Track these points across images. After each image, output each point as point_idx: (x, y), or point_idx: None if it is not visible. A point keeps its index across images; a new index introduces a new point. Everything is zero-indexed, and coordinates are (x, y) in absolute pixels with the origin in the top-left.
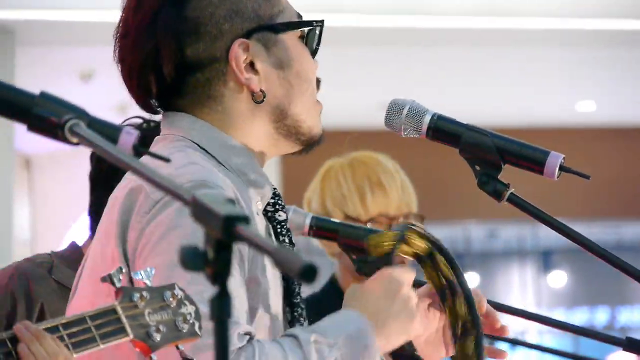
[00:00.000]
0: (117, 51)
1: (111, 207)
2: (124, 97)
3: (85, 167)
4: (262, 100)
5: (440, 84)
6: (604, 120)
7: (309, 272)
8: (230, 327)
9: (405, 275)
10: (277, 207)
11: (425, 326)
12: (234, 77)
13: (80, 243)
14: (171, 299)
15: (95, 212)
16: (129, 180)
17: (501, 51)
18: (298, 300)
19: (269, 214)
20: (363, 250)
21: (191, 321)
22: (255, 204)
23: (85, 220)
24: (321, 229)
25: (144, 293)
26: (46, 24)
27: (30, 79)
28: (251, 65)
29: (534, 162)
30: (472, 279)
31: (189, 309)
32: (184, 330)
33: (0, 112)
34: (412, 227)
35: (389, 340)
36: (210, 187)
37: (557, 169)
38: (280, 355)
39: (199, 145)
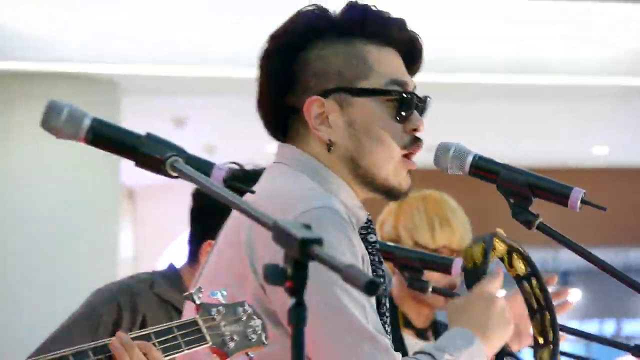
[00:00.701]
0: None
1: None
2: (211, 139)
3: (182, 199)
4: (330, 150)
5: (477, 131)
6: (615, 162)
7: (372, 287)
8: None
9: (495, 286)
10: (369, 230)
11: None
12: None
13: (177, 265)
14: (242, 314)
15: (194, 242)
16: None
17: (529, 103)
18: (384, 311)
19: (362, 236)
20: (415, 269)
21: (259, 332)
22: None
23: (182, 245)
24: (382, 250)
25: (220, 308)
26: (146, 77)
27: (132, 123)
28: (328, 118)
29: (560, 195)
30: (502, 293)
31: (257, 322)
32: (253, 340)
33: (113, 150)
34: (499, 236)
35: (493, 348)
36: (332, 209)
37: (579, 201)
38: None
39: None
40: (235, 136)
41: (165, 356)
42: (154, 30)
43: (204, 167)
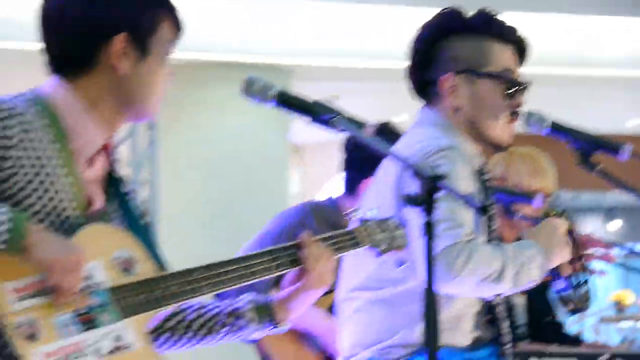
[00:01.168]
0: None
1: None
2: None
3: (335, 153)
4: (456, 113)
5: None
6: None
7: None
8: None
9: (561, 222)
10: (483, 171)
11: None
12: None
13: (337, 196)
14: (390, 225)
15: (347, 183)
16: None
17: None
18: (493, 228)
19: (478, 175)
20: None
21: (402, 238)
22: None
23: (336, 186)
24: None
25: (374, 222)
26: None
27: None
28: (457, 90)
29: (614, 148)
30: None
31: (401, 231)
32: (398, 244)
33: (292, 110)
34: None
35: (552, 262)
36: (454, 150)
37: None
38: (488, 249)
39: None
40: (381, 117)
41: (338, 254)
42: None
43: (359, 124)
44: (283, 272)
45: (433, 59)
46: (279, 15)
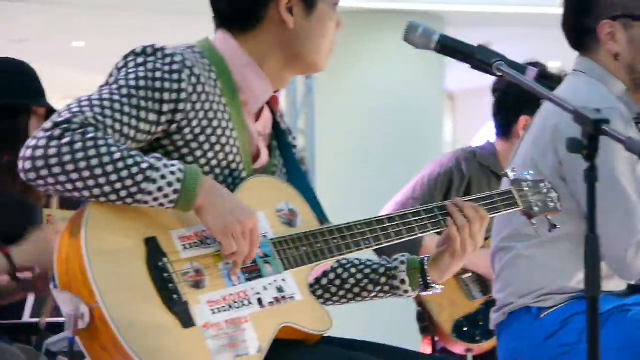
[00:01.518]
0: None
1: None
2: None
3: (488, 100)
4: (617, 59)
5: None
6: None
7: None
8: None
9: None
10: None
11: None
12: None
13: (492, 140)
14: (544, 188)
15: (501, 127)
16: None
17: None
18: None
19: (635, 121)
20: None
21: (556, 202)
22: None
23: (491, 130)
24: None
25: (528, 183)
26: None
27: None
28: (615, 36)
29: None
30: None
31: (554, 194)
32: (551, 207)
33: (454, 56)
34: None
35: None
36: (617, 110)
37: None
38: None
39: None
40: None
41: (491, 214)
42: None
43: (520, 69)
44: (439, 230)
45: (589, 7)
46: None
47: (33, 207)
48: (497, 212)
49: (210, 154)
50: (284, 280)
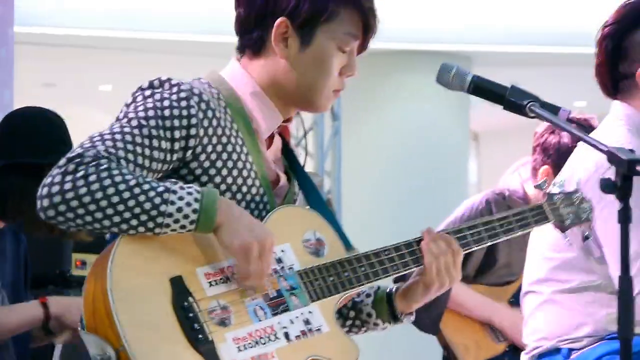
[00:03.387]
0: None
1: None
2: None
3: (515, 140)
4: None
5: None
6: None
7: None
8: None
9: None
10: None
11: None
12: None
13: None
14: (576, 199)
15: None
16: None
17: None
18: None
19: None
20: None
21: (588, 212)
22: None
23: (514, 172)
24: None
25: (560, 195)
26: (490, 53)
27: None
28: None
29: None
30: None
31: (587, 205)
32: (583, 218)
33: (487, 97)
34: None
35: None
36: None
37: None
38: None
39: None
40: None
41: (510, 233)
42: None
43: (553, 109)
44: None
45: (625, 52)
46: (458, 4)
47: (63, 253)
48: (528, 227)
49: (229, 179)
50: (310, 312)
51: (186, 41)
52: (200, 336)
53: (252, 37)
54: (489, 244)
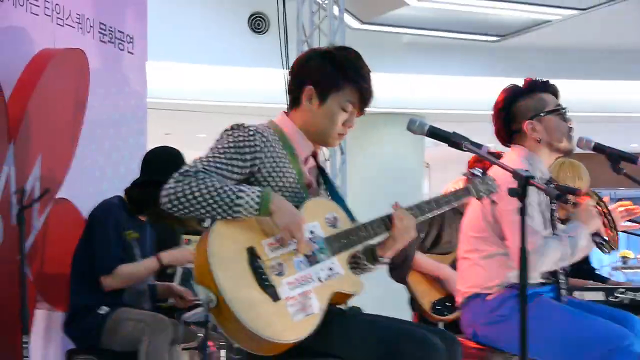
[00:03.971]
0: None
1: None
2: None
3: (452, 168)
4: (539, 142)
5: None
6: None
7: (559, 196)
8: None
9: (591, 202)
10: (549, 181)
11: None
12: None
13: None
14: (487, 180)
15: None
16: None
17: None
18: (553, 215)
19: (546, 183)
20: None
21: (494, 185)
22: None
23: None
24: None
25: (479, 178)
26: (440, 114)
27: None
28: (534, 129)
29: (632, 159)
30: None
31: (493, 183)
32: (492, 190)
33: (439, 139)
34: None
35: (592, 229)
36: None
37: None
38: (557, 242)
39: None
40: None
41: (450, 204)
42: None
43: (479, 146)
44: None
45: (513, 115)
46: (422, 82)
47: (176, 235)
48: (460, 200)
49: (280, 183)
50: (332, 262)
51: (243, 106)
52: (266, 283)
53: (295, 96)
54: (437, 213)
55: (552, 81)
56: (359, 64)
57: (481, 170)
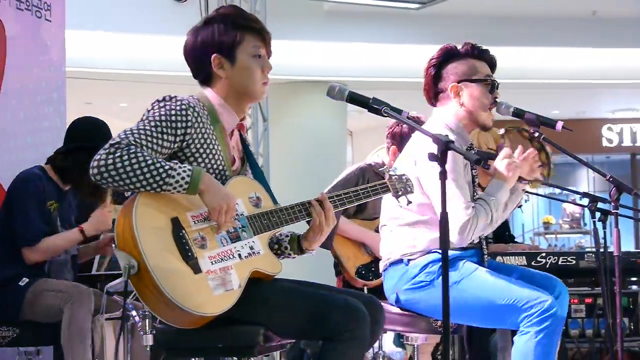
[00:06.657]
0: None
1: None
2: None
3: (374, 134)
4: (462, 107)
5: None
6: None
7: (477, 161)
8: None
9: (504, 156)
10: (471, 146)
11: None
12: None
13: (374, 161)
14: (404, 179)
15: (388, 149)
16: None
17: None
18: (476, 178)
19: (467, 148)
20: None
21: (411, 186)
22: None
23: (376, 152)
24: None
25: (395, 177)
26: (360, 82)
27: None
28: (459, 93)
29: (551, 123)
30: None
31: (410, 183)
32: (409, 190)
33: (358, 104)
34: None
35: (512, 184)
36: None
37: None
38: (484, 208)
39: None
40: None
41: (368, 198)
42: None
43: (399, 111)
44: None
45: (441, 76)
46: (343, 50)
47: (95, 203)
48: (378, 195)
49: (207, 160)
50: (253, 241)
51: (164, 75)
52: (189, 254)
53: (205, 74)
54: (355, 204)
55: None
56: (239, 12)
57: (397, 169)
